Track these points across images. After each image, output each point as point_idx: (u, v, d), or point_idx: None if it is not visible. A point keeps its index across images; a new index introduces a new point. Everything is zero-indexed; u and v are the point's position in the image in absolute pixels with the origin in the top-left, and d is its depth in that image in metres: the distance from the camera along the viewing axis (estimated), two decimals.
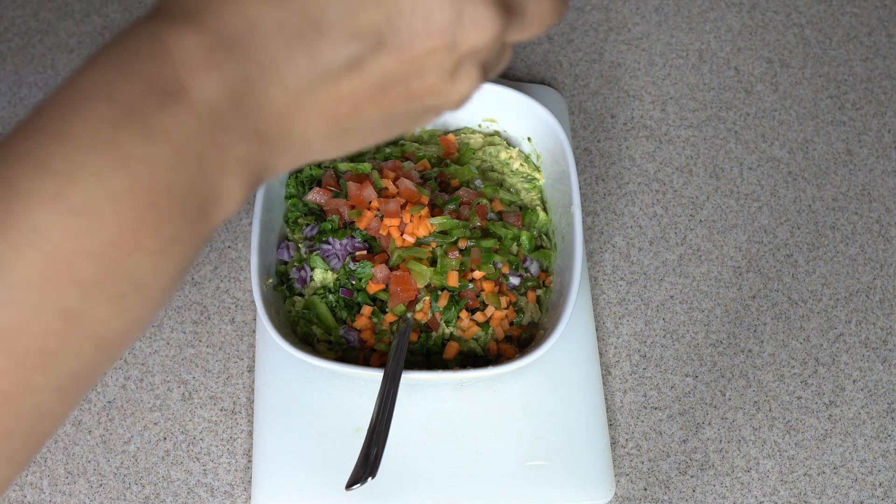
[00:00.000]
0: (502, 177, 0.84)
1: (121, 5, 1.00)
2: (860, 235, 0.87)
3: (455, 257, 0.76)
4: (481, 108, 0.85)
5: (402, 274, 0.75)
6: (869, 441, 0.79)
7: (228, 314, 0.84)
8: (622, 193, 0.89)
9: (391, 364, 0.69)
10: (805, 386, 0.81)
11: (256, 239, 0.75)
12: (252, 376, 0.81)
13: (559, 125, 0.80)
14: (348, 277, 0.77)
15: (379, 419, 0.66)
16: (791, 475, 0.78)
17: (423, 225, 0.76)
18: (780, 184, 0.90)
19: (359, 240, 0.78)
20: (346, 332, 0.77)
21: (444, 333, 0.77)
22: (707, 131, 0.93)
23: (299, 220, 0.80)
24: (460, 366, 0.76)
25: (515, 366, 0.71)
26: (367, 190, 0.78)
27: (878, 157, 0.91)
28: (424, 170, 0.82)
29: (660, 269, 0.86)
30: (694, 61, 0.96)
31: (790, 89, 0.95)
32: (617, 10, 0.99)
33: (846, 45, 0.97)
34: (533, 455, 0.76)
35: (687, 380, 0.81)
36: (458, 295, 0.76)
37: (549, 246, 0.81)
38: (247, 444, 0.79)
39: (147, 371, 0.82)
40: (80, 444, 0.79)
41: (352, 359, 0.76)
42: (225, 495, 0.77)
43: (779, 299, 0.84)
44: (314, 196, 0.80)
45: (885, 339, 0.83)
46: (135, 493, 0.77)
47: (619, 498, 0.76)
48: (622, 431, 0.79)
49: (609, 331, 0.83)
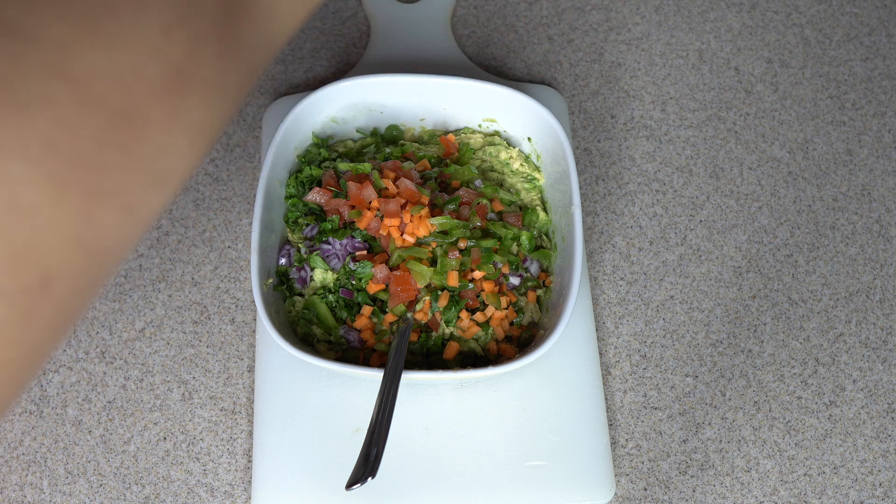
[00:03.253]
0: (502, 177, 0.84)
1: None
2: (860, 235, 0.87)
3: (455, 257, 0.76)
4: (481, 108, 0.85)
5: (402, 274, 0.75)
6: (869, 441, 0.79)
7: (228, 314, 0.84)
8: (622, 193, 0.89)
9: (391, 364, 0.69)
10: (805, 386, 0.81)
11: (256, 238, 0.75)
12: (252, 376, 0.81)
13: (559, 125, 0.80)
14: (348, 277, 0.77)
15: (379, 419, 0.66)
16: (791, 475, 0.78)
17: (423, 225, 0.76)
18: (780, 184, 0.90)
19: (359, 240, 0.78)
20: (347, 332, 0.77)
21: (444, 333, 0.77)
22: (707, 131, 0.93)
23: (299, 220, 0.80)
24: (460, 366, 0.76)
25: (516, 366, 0.71)
26: (368, 190, 0.78)
27: (878, 157, 0.91)
28: (424, 170, 0.82)
29: (660, 269, 0.86)
30: (694, 61, 0.96)
31: (790, 89, 0.95)
32: (617, 10, 0.99)
33: (846, 45, 0.97)
34: (533, 455, 0.76)
35: (687, 380, 0.81)
36: (458, 295, 0.76)
37: (549, 246, 0.81)
38: (247, 444, 0.79)
39: (147, 371, 0.82)
40: (80, 444, 0.79)
41: (352, 359, 0.76)
42: (225, 495, 0.77)
43: (779, 299, 0.84)
44: (314, 196, 0.80)
45: (885, 339, 0.83)
46: (135, 494, 0.77)
47: (619, 498, 0.76)
48: (622, 431, 0.79)
49: (609, 331, 0.83)
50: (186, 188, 0.89)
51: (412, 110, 0.86)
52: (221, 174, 0.90)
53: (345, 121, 0.85)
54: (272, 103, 0.92)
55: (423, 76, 0.83)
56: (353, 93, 0.83)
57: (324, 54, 0.97)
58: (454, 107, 0.85)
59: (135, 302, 0.85)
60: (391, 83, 0.83)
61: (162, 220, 0.88)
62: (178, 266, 0.86)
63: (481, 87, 0.83)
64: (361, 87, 0.83)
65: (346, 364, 0.72)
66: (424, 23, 0.96)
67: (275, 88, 0.95)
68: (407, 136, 0.87)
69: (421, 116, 0.86)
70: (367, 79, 0.82)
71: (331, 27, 0.98)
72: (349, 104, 0.84)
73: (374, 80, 0.83)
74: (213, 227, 0.88)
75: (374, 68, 0.93)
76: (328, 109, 0.83)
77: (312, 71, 0.96)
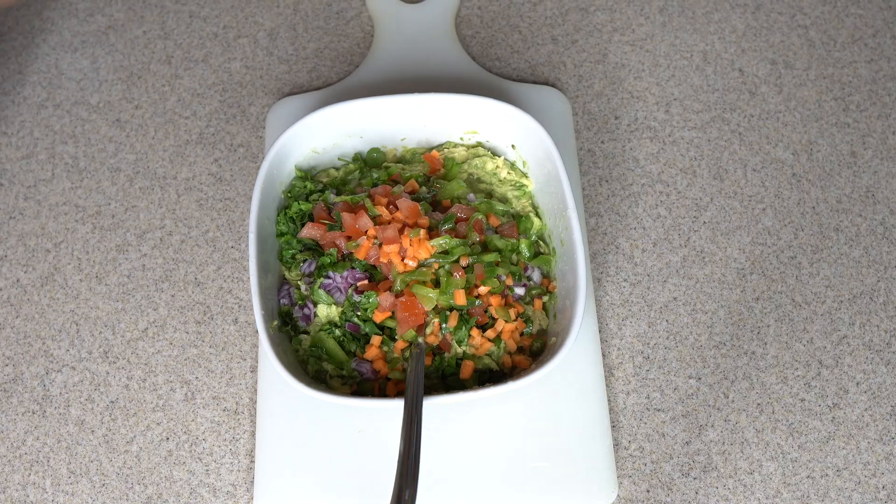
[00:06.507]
0: (491, 187, 0.84)
1: (124, 4, 1.00)
2: (864, 237, 0.87)
3: (460, 276, 0.76)
4: (461, 120, 0.84)
5: (407, 299, 0.75)
6: (872, 444, 0.79)
7: (231, 314, 0.84)
8: (626, 195, 0.89)
9: (410, 394, 0.68)
10: (808, 388, 0.81)
11: (255, 282, 0.74)
12: (255, 377, 0.81)
13: (541, 128, 0.79)
14: (353, 310, 0.76)
15: (408, 452, 0.63)
16: (794, 477, 0.77)
17: (423, 247, 0.76)
18: (784, 185, 0.90)
19: (359, 270, 0.77)
20: (358, 364, 0.76)
21: (457, 353, 0.76)
22: (711, 133, 0.92)
23: (296, 257, 0.80)
24: (478, 383, 0.76)
25: (535, 377, 0.71)
26: (363, 219, 0.77)
27: (882, 158, 0.91)
28: (413, 191, 0.81)
29: (663, 270, 0.86)
30: (698, 62, 0.96)
31: (794, 91, 0.95)
32: (621, 12, 0.99)
33: (851, 46, 0.97)
34: (536, 456, 0.76)
35: (690, 382, 0.81)
36: (468, 313, 0.76)
37: (547, 251, 0.80)
38: (249, 444, 0.79)
39: (150, 371, 0.82)
40: (83, 444, 0.79)
41: (367, 390, 0.75)
42: (227, 496, 0.77)
43: (782, 301, 0.84)
44: (309, 232, 0.79)
45: (888, 341, 0.83)
46: (137, 494, 0.77)
47: (622, 500, 0.76)
48: (625, 433, 0.79)
49: (612, 332, 0.83)
50: (189, 188, 0.90)
51: (392, 131, 0.85)
52: (225, 174, 0.90)
53: (325, 150, 0.84)
54: (276, 103, 0.92)
55: (398, 96, 0.82)
56: (332, 120, 0.82)
57: (327, 54, 0.97)
58: (434, 122, 0.84)
59: (138, 302, 0.85)
60: (368, 106, 0.82)
61: (165, 219, 0.88)
62: (181, 266, 0.86)
63: (459, 100, 0.82)
64: (339, 113, 0.81)
65: (365, 398, 0.71)
66: (428, 23, 0.96)
67: (279, 88, 0.95)
68: (389, 157, 0.86)
69: (401, 136, 0.85)
70: (345, 105, 0.81)
71: (334, 27, 0.98)
72: (329, 133, 0.83)
73: (351, 105, 0.81)
74: (217, 228, 0.88)
75: (378, 69, 0.93)
76: (309, 141, 0.82)
77: (316, 71, 0.96)
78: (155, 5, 1.00)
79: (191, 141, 0.92)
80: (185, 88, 0.95)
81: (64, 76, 0.96)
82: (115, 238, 0.87)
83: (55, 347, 0.83)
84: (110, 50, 0.97)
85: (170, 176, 0.90)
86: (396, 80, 0.92)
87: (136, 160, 0.91)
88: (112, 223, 0.88)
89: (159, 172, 0.91)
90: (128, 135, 0.93)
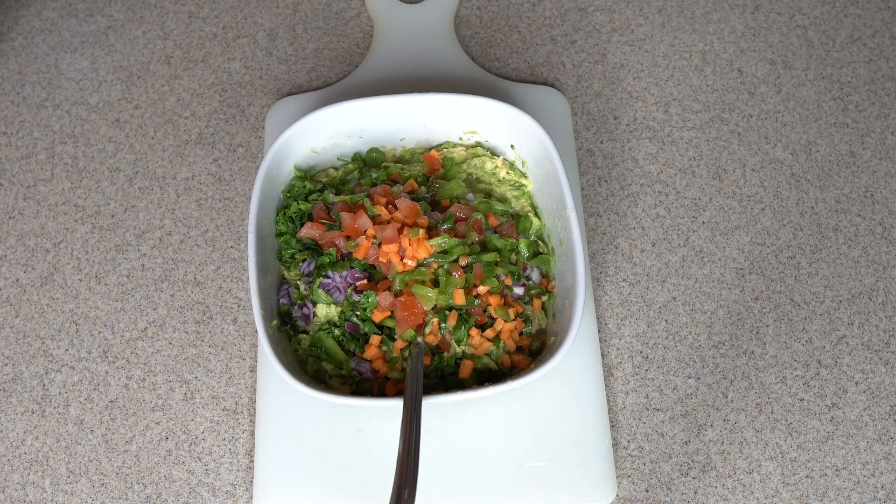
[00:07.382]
0: (490, 187, 0.84)
1: (124, 5, 1.00)
2: (863, 237, 0.87)
3: (459, 275, 0.76)
4: (460, 120, 0.84)
5: (406, 299, 0.75)
6: (871, 443, 0.79)
7: (231, 314, 0.84)
8: (625, 195, 0.89)
9: (409, 393, 0.68)
10: (807, 388, 0.81)
11: (255, 281, 0.74)
12: (254, 376, 0.81)
13: (540, 128, 0.79)
14: (352, 310, 0.76)
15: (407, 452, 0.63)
16: (793, 477, 0.78)
17: (422, 247, 0.76)
18: (782, 185, 0.90)
19: (358, 270, 0.77)
20: (357, 363, 0.76)
21: (457, 353, 0.76)
22: (710, 133, 0.93)
23: (295, 257, 0.80)
24: (477, 382, 0.76)
25: (533, 377, 0.71)
26: (362, 219, 0.77)
27: (881, 159, 0.91)
28: (413, 191, 0.81)
29: (662, 270, 0.86)
30: (697, 63, 0.96)
31: (793, 91, 0.95)
32: (620, 12, 0.99)
33: (849, 46, 0.97)
34: (534, 456, 0.76)
35: (689, 381, 0.81)
36: (466, 312, 0.76)
37: (546, 251, 0.81)
38: (249, 443, 0.79)
39: (149, 371, 0.82)
40: (82, 444, 0.79)
41: (366, 390, 0.76)
42: (227, 495, 0.77)
43: (781, 301, 0.84)
44: (308, 231, 0.79)
45: (887, 341, 0.83)
46: (136, 493, 0.77)
47: (621, 499, 0.76)
48: (624, 433, 0.79)
49: (611, 332, 0.83)
50: (188, 188, 0.90)
51: (391, 131, 0.85)
52: (224, 174, 0.90)
53: (325, 150, 0.84)
54: (275, 103, 0.92)
55: (397, 96, 0.82)
56: (331, 120, 0.82)
57: (327, 55, 0.97)
58: (433, 122, 0.84)
59: (137, 301, 0.85)
60: (367, 107, 0.82)
61: (164, 219, 0.88)
62: (180, 266, 0.86)
63: (458, 100, 0.82)
64: (338, 113, 0.81)
65: (364, 397, 0.71)
66: (427, 23, 0.96)
67: (278, 89, 0.95)
68: (388, 157, 0.86)
69: (401, 136, 0.85)
70: (344, 105, 0.81)
71: (334, 28, 0.98)
72: (328, 133, 0.83)
73: (350, 105, 0.81)
74: (216, 227, 0.88)
75: (377, 69, 0.94)
76: (308, 141, 0.82)
77: (315, 71, 0.96)
78: (154, 5, 1.00)
79: (190, 141, 0.92)
80: (185, 88, 0.95)
81: (63, 76, 0.96)
82: (115, 238, 0.88)
83: (54, 347, 0.83)
84: (110, 50, 0.97)
85: (169, 176, 0.90)
86: (396, 81, 0.92)
87: (136, 160, 0.91)
88: (111, 223, 0.88)
89: (159, 172, 0.91)
90: (127, 135, 0.93)
